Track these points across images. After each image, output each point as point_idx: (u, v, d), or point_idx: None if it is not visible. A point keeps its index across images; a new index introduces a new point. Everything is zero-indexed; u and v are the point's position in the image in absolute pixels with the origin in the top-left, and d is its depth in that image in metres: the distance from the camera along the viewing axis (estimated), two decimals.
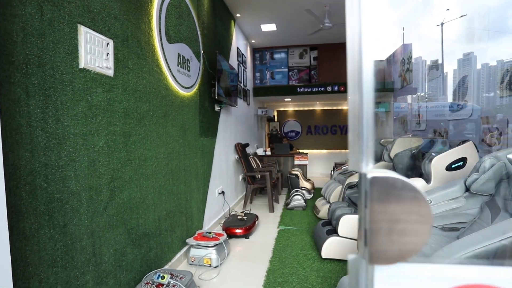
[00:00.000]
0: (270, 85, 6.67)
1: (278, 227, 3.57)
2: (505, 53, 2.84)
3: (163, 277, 1.80)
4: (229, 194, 4.17)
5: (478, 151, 2.43)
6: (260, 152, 6.26)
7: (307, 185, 5.47)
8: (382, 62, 6.20)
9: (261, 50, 6.67)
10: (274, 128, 8.36)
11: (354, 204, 2.96)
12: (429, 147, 2.85)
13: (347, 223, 2.52)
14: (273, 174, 4.87)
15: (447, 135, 3.58)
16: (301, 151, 7.37)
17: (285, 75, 6.68)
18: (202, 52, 3.18)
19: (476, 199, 1.88)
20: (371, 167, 0.31)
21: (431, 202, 1.87)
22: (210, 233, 2.65)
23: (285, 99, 7.26)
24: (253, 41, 6.16)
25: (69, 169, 1.36)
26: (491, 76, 3.08)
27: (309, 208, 4.46)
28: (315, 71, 6.53)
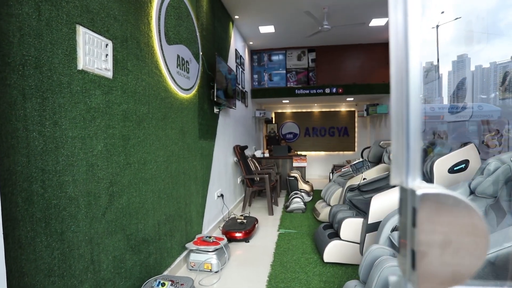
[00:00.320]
0: (268, 87, 6.65)
1: (278, 230, 3.53)
2: (497, 55, 2.85)
3: (163, 284, 1.75)
4: (228, 197, 4.13)
5: (480, 153, 2.42)
6: (258, 154, 6.23)
7: (306, 187, 5.44)
8: None
9: (259, 52, 6.65)
10: (272, 130, 8.33)
11: (355, 207, 2.93)
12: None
13: (349, 227, 2.49)
14: (272, 176, 4.83)
15: (446, 137, 3.57)
16: (299, 153, 7.35)
17: (283, 77, 6.66)
18: (201, 53, 3.14)
19: (480, 202, 1.86)
20: (418, 182, 0.28)
21: None
22: (210, 237, 2.60)
23: (283, 101, 7.24)
24: (251, 42, 6.14)
25: (67, 174, 1.31)
26: (484, 78, 3.09)
27: (308, 211, 4.42)
28: (313, 73, 6.52)
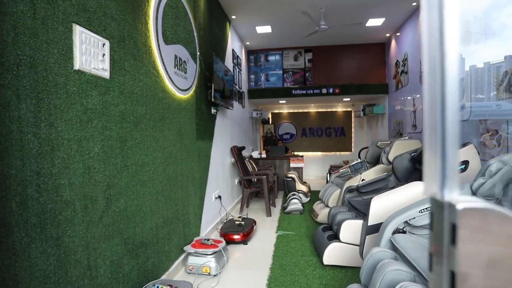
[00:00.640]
0: (265, 87, 6.62)
1: (276, 232, 3.50)
2: (491, 55, 2.87)
3: None
4: (225, 199, 4.09)
5: (479, 153, 2.42)
6: (255, 155, 6.20)
7: (303, 188, 5.43)
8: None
9: (256, 52, 6.62)
10: (269, 131, 8.30)
11: (354, 209, 2.92)
12: None
13: (349, 229, 2.48)
14: (269, 177, 4.80)
15: None
16: (296, 153, 7.34)
17: (279, 77, 6.64)
18: (199, 53, 3.11)
19: None
20: (457, 195, 0.25)
21: None
22: (208, 240, 2.57)
23: (279, 101, 7.22)
24: (247, 43, 6.11)
25: (62, 177, 1.27)
26: (478, 78, 3.09)
27: (306, 212, 4.41)
28: (309, 73, 6.51)
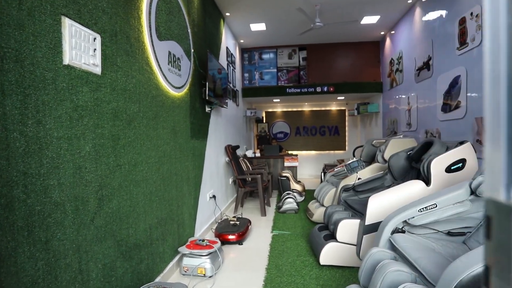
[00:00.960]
0: (259, 85, 6.58)
1: (271, 232, 3.47)
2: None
3: None
4: (220, 198, 4.04)
5: (476, 151, 2.42)
6: (249, 154, 6.15)
7: (298, 187, 5.41)
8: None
9: (250, 50, 6.57)
10: (263, 130, 8.26)
11: (351, 208, 2.90)
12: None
13: (345, 228, 2.45)
14: (264, 176, 4.77)
15: (439, 135, 3.59)
16: (290, 152, 7.32)
17: (274, 76, 6.60)
18: (193, 50, 3.04)
19: (480, 202, 1.85)
20: None
21: (436, 206, 1.82)
22: (203, 240, 2.52)
23: (274, 100, 7.19)
24: (241, 40, 6.05)
25: (52, 177, 1.21)
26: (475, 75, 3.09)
27: (301, 211, 4.38)
28: (304, 72, 6.49)
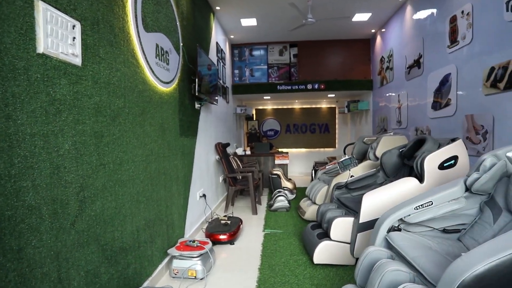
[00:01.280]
0: (250, 82, 6.48)
1: (263, 231, 3.40)
2: (477, 50, 2.87)
3: None
4: (210, 197, 3.94)
5: (467, 148, 2.42)
6: (240, 151, 6.07)
7: (288, 185, 5.36)
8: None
9: (240, 46, 6.46)
10: (253, 127, 8.19)
11: (344, 206, 2.86)
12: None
13: (339, 227, 2.40)
14: (255, 174, 4.69)
15: (429, 133, 3.60)
16: (280, 150, 7.27)
17: (264, 73, 6.52)
18: (182, 44, 2.92)
19: (475, 199, 1.83)
20: None
21: (432, 203, 1.79)
22: (193, 241, 2.42)
23: (264, 97, 7.11)
24: (232, 36, 5.94)
25: (25, 178, 1.09)
26: (465, 73, 3.09)
27: (293, 209, 4.33)
28: (295, 69, 6.44)
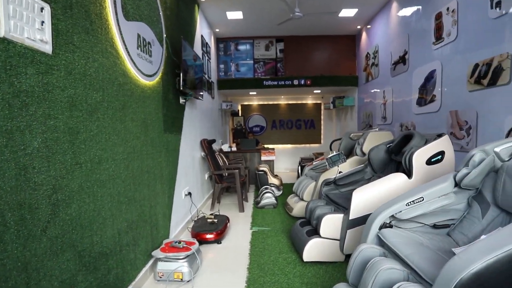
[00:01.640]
0: (236, 77, 6.37)
1: (251, 229, 3.33)
2: (463, 48, 2.90)
3: None
4: (196, 195, 3.83)
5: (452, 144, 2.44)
6: (225, 148, 5.96)
7: (275, 181, 5.32)
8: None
9: (225, 40, 6.32)
10: (239, 123, 8.07)
11: (333, 202, 2.84)
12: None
13: (329, 223, 2.37)
14: (241, 171, 4.61)
15: (414, 128, 3.64)
16: (266, 146, 7.21)
17: (250, 68, 6.42)
18: (165, 36, 2.78)
19: (463, 194, 1.83)
20: None
21: (423, 199, 1.78)
22: (179, 242, 2.32)
23: (250, 92, 7.02)
24: (217, 30, 5.79)
25: None
26: (450, 70, 3.12)
27: (280, 206, 4.29)
28: (281, 64, 6.37)
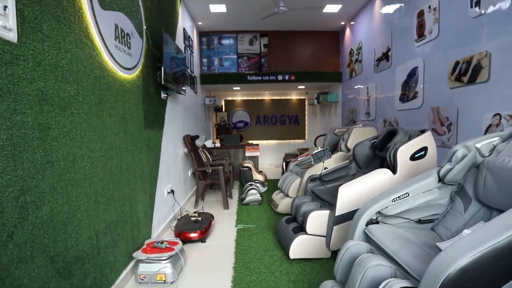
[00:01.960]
0: (219, 72, 6.25)
1: (236, 226, 3.29)
2: (444, 45, 2.96)
3: None
4: (179, 193, 3.73)
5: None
6: (209, 144, 5.86)
7: (260, 177, 5.29)
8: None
9: (208, 34, 6.18)
10: (222, 119, 7.98)
11: (318, 198, 2.83)
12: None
13: (315, 220, 2.36)
14: (225, 168, 4.54)
15: (397, 124, 3.70)
16: (250, 142, 7.17)
17: (234, 62, 6.32)
18: (145, 27, 2.66)
19: (446, 189, 1.86)
20: None
21: (408, 195, 1.79)
22: (162, 242, 2.24)
23: (234, 87, 6.92)
24: (200, 23, 5.64)
25: None
26: (431, 67, 3.17)
27: (265, 203, 4.27)
28: (265, 59, 6.32)
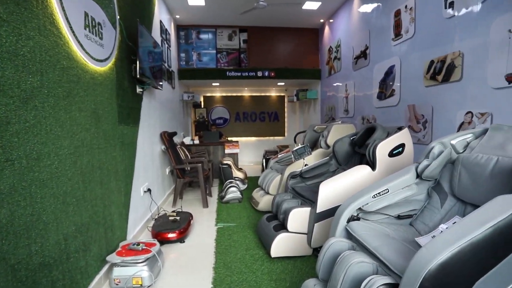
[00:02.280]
0: (197, 67, 6.10)
1: (216, 225, 3.22)
2: (421, 45, 3.04)
3: None
4: (156, 191, 3.60)
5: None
6: (187, 141, 5.72)
7: (240, 175, 5.24)
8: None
9: (187, 28, 6.00)
10: (201, 115, 7.82)
11: (299, 195, 2.83)
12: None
13: (296, 217, 2.35)
14: (204, 165, 4.45)
15: (375, 121, 3.78)
16: (230, 139, 7.09)
17: (213, 58, 6.19)
18: (119, 17, 2.51)
19: (424, 185, 1.91)
20: None
21: (388, 191, 1.81)
22: (138, 244, 2.13)
23: (213, 83, 6.80)
24: (177, 16, 5.46)
25: None
26: (407, 65, 3.25)
27: (245, 200, 4.23)
28: (244, 55, 6.24)
